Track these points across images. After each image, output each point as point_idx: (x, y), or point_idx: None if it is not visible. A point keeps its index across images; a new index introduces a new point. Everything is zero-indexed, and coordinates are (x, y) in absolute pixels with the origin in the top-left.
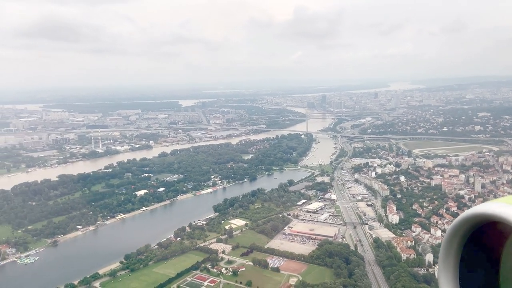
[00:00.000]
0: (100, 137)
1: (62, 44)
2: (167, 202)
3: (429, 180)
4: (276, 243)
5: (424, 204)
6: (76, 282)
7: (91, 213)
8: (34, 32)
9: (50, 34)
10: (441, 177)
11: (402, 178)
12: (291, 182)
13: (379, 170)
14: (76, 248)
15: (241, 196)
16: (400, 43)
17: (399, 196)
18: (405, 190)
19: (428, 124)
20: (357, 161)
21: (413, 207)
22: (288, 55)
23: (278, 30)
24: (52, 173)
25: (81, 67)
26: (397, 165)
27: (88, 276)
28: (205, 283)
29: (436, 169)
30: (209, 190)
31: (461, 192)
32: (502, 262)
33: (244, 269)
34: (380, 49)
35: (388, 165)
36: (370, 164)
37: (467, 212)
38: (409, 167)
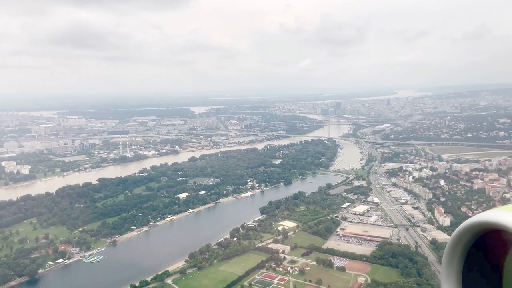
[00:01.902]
0: (127, 143)
1: (85, 52)
2: (211, 204)
3: (470, 183)
4: (332, 244)
5: (472, 206)
6: (149, 279)
7: (140, 214)
8: (60, 40)
9: (76, 41)
10: (481, 181)
11: (442, 182)
12: (329, 186)
13: (415, 174)
14: (136, 248)
15: (284, 199)
16: (414, 50)
17: (443, 199)
18: (447, 193)
19: (451, 130)
20: (390, 165)
21: (462, 209)
22: (298, 62)
23: (291, 38)
24: (88, 177)
25: (93, 75)
26: (433, 169)
27: (160, 273)
28: (275, 281)
29: (474, 173)
30: (249, 193)
31: (507, 195)
32: (505, 270)
33: (309, 268)
34: (389, 57)
35: (424, 169)
36: (404, 168)
37: (471, 220)
38: (447, 171)
